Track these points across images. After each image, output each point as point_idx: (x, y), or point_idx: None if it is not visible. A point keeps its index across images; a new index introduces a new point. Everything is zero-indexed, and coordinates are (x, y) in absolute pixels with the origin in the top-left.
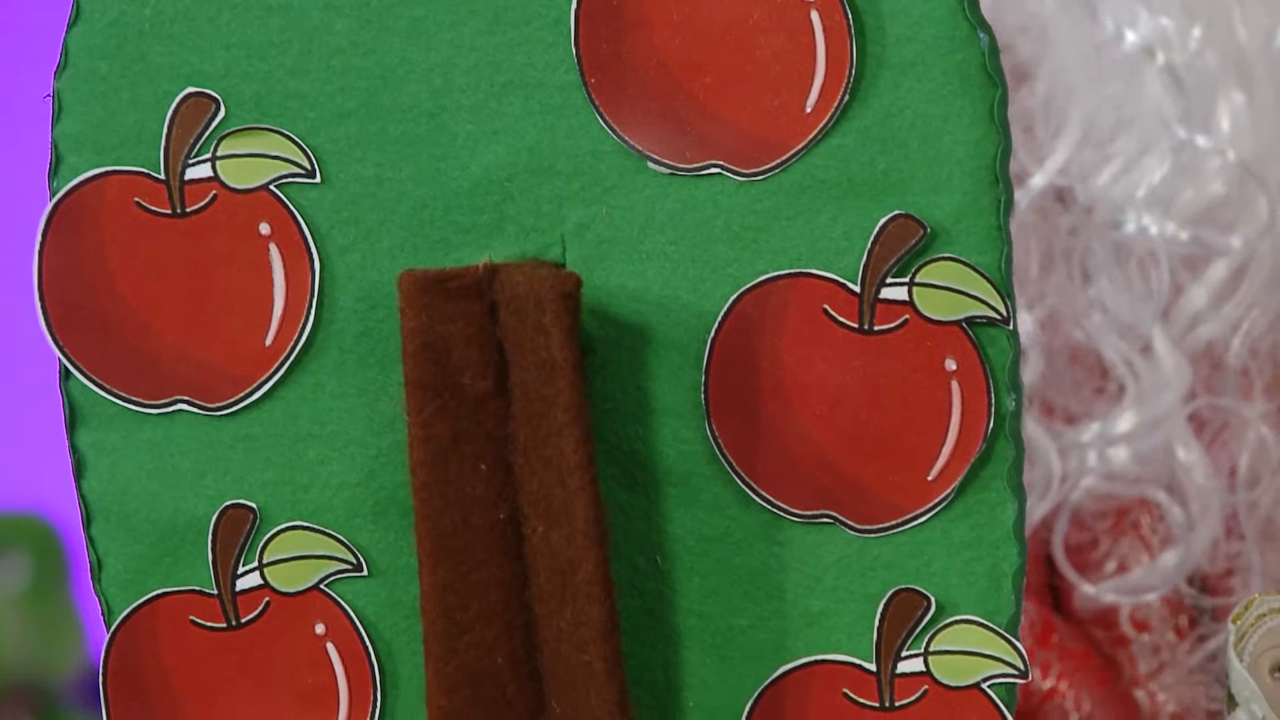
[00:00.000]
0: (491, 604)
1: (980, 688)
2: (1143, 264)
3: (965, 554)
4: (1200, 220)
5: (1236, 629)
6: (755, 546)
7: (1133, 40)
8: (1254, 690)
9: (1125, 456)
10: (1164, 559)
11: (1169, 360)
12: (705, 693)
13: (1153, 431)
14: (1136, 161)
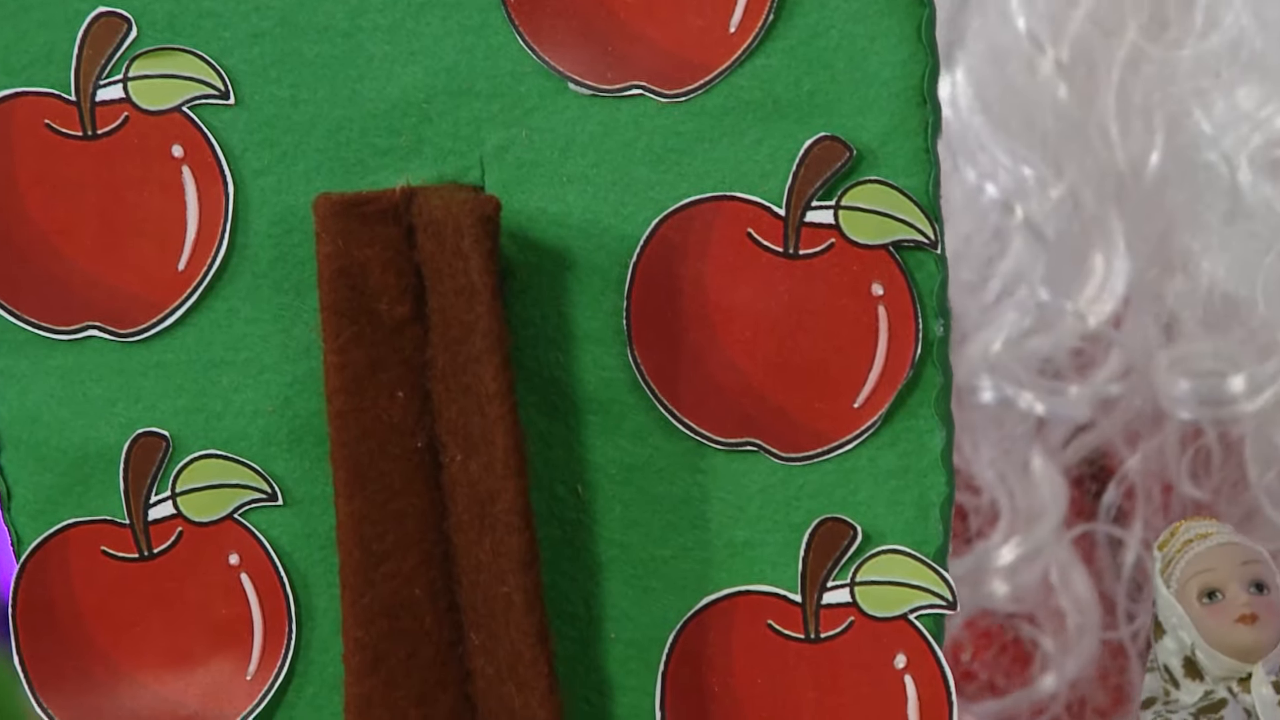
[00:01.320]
0: (409, 534)
1: (908, 619)
2: (1009, 411)
3: (892, 483)
4: (1059, 373)
5: (1163, 556)
6: (678, 475)
7: (993, 194)
8: (1181, 617)
9: (1004, 591)
10: (1041, 685)
11: (1046, 484)
12: (627, 624)
13: (1030, 563)
14: (998, 308)
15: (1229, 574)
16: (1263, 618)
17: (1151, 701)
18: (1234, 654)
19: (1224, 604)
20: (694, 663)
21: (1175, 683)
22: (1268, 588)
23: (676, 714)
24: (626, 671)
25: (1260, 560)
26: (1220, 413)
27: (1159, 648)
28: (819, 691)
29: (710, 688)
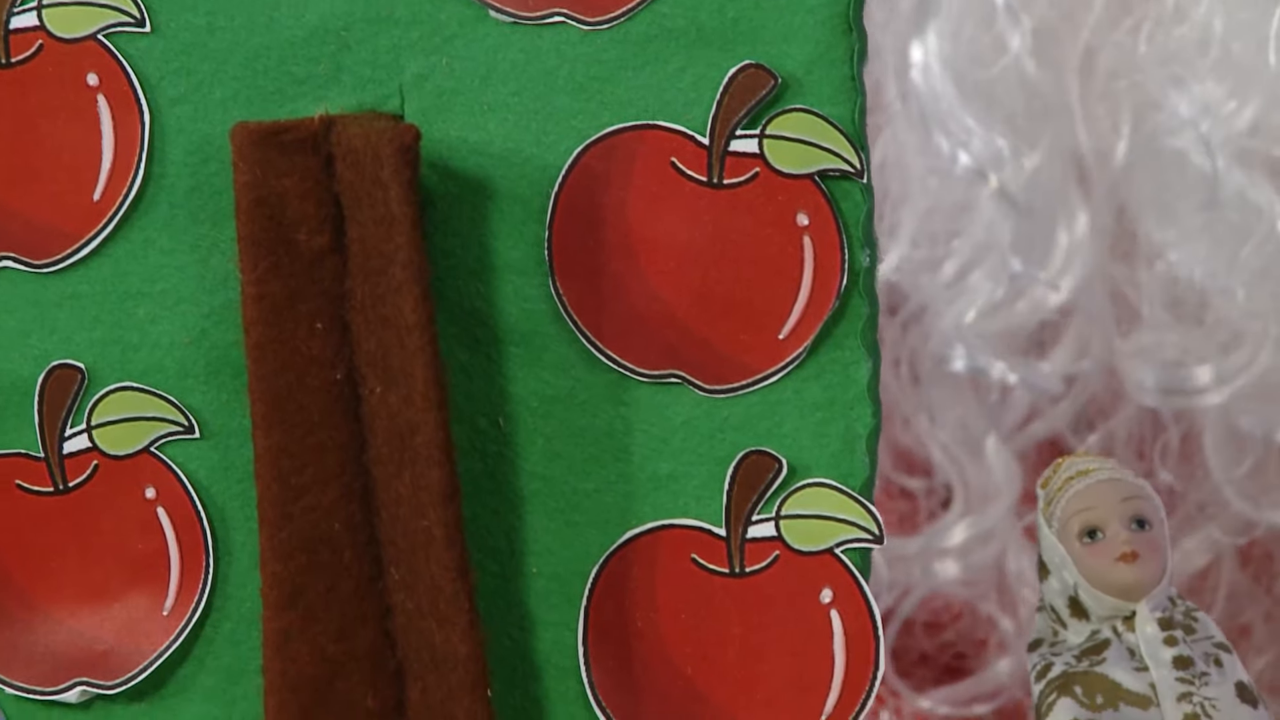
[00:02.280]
0: (328, 468)
1: (833, 553)
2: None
3: (818, 415)
4: (1026, 348)
5: (1045, 494)
6: (601, 407)
7: (966, 163)
8: (1063, 557)
9: (955, 570)
10: (996, 668)
11: (1000, 466)
12: (549, 558)
13: (984, 544)
14: (966, 281)
15: (1109, 511)
16: (1144, 555)
17: (1039, 643)
18: (1116, 593)
19: (1105, 543)
20: (617, 597)
21: (1062, 623)
22: (1149, 524)
23: (599, 649)
24: (548, 606)
25: (1142, 496)
26: (1183, 403)
27: (1044, 588)
28: (744, 627)
29: (634, 623)
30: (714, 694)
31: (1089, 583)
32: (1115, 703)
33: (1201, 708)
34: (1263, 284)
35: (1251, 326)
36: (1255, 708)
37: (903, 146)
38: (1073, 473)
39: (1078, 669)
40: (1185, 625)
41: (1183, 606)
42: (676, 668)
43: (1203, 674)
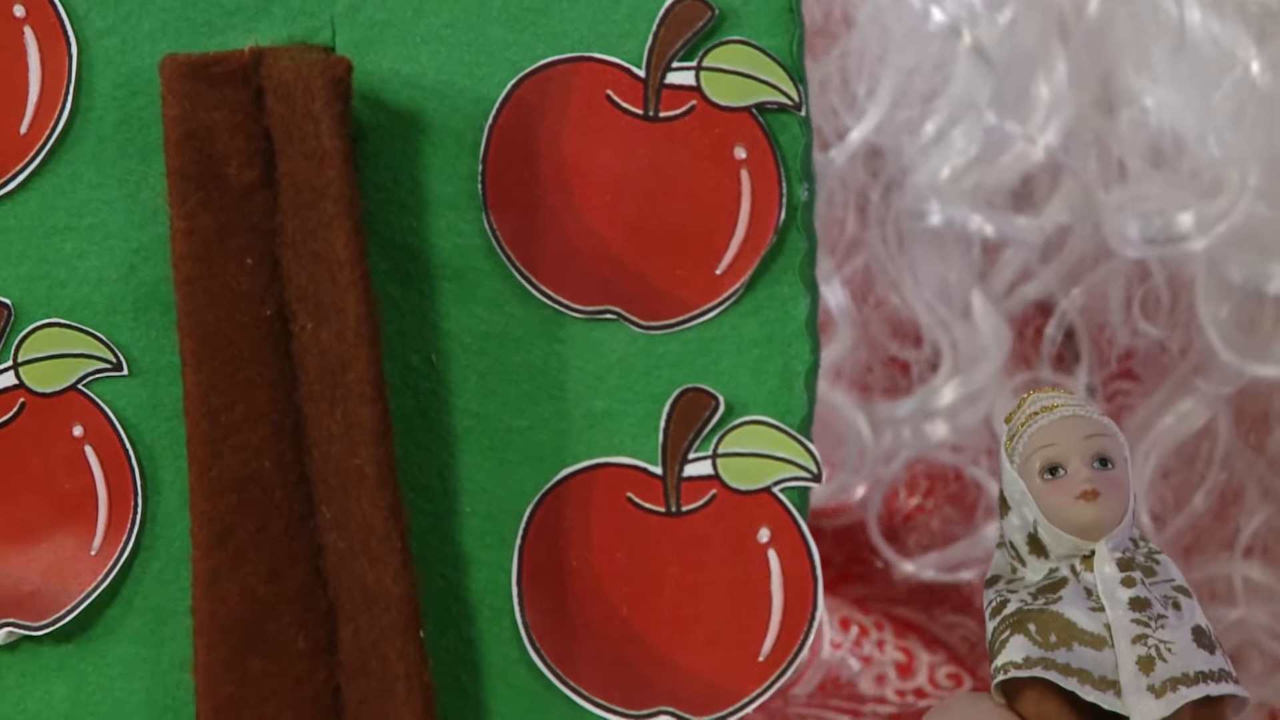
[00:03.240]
0: (258, 405)
1: (771, 492)
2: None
3: (755, 351)
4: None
5: (1008, 429)
6: (535, 344)
7: (940, 19)
8: (1024, 493)
9: (945, 431)
10: (984, 533)
11: (987, 326)
12: (483, 497)
13: (972, 404)
14: (945, 139)
15: (1071, 448)
16: (1104, 494)
17: (996, 579)
18: (1075, 531)
19: (1066, 480)
20: (551, 537)
21: (1021, 560)
22: (1111, 462)
23: (534, 589)
24: (482, 546)
25: (1105, 434)
26: (1168, 251)
27: (1004, 524)
28: (680, 566)
29: (568, 562)
30: (650, 635)
31: (1049, 520)
32: (1069, 642)
33: (1156, 650)
34: (1238, 129)
35: (1230, 173)
36: (1211, 653)
37: (878, 6)
38: (1036, 408)
39: (1033, 607)
40: (1145, 567)
41: (1145, 548)
42: (612, 608)
43: (1159, 616)
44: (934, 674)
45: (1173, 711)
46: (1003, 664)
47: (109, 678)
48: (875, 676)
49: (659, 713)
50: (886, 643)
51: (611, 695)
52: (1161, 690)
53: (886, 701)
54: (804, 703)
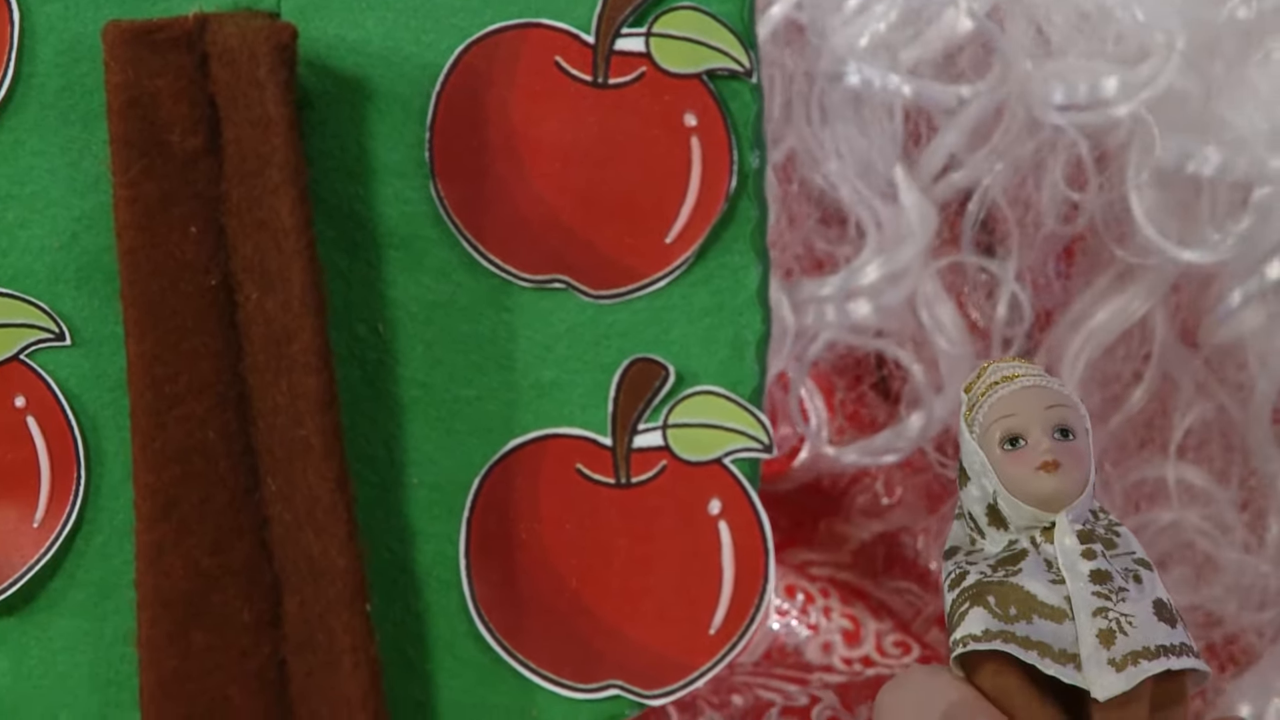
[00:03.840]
0: (202, 375)
1: (722, 463)
2: (880, 109)
3: (706, 321)
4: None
5: (968, 399)
6: (483, 313)
7: None
8: (984, 463)
9: (867, 310)
10: (909, 422)
11: (913, 207)
12: (430, 468)
13: (896, 284)
14: (867, 10)
15: (1032, 419)
16: (1065, 465)
17: (955, 551)
18: (1035, 502)
19: (1026, 451)
20: (500, 508)
21: (980, 532)
22: (1072, 433)
23: (481, 562)
24: (430, 517)
25: (1066, 404)
26: (1092, 118)
27: (964, 494)
28: (630, 538)
29: (517, 534)
30: (599, 607)
31: (1008, 491)
32: (1029, 614)
33: (1117, 623)
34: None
35: (1155, 39)
36: (1173, 626)
37: None
38: (996, 378)
39: (992, 579)
40: (1106, 540)
41: (1105, 520)
42: (561, 580)
43: (1120, 589)
44: (881, 642)
45: (1133, 685)
46: (961, 636)
47: (51, 651)
48: (822, 645)
49: (608, 686)
50: (833, 610)
51: (561, 668)
52: (1122, 664)
53: (834, 670)
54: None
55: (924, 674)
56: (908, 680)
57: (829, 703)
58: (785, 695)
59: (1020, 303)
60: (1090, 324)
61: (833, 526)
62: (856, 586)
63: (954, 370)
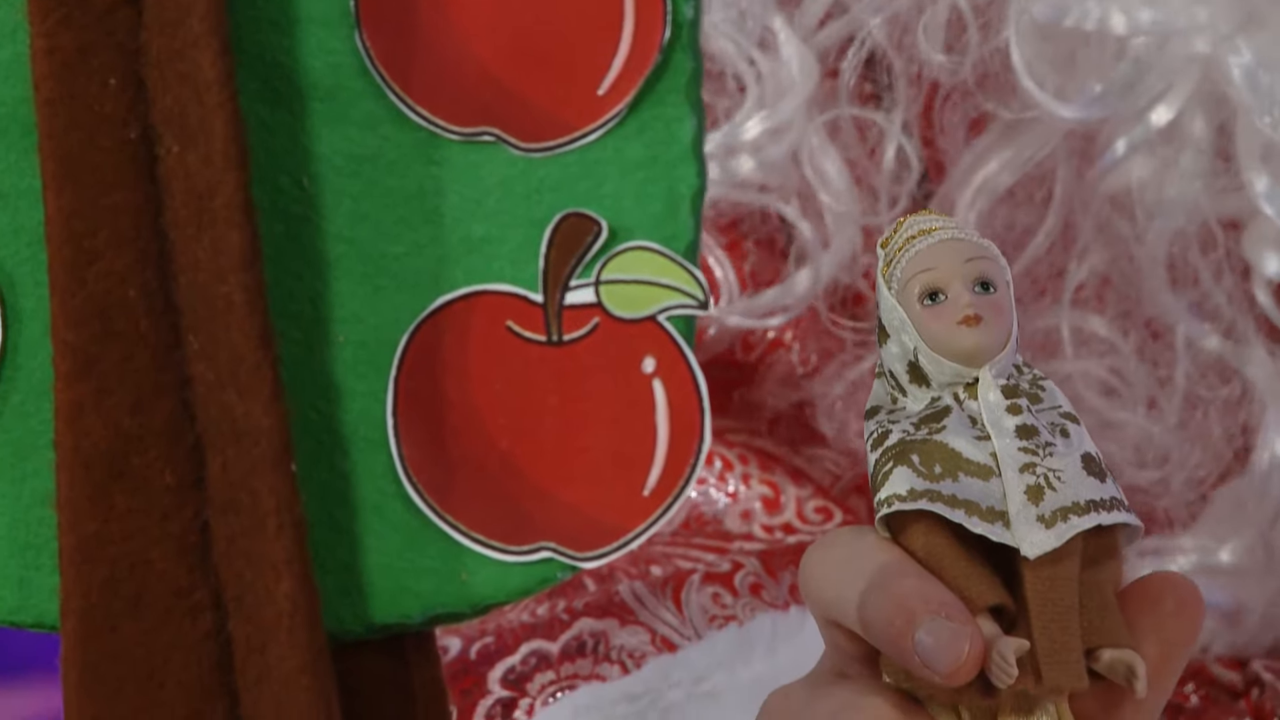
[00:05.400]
0: (122, 231)
1: (656, 320)
2: None
3: (639, 174)
4: None
5: (885, 254)
6: (410, 167)
7: None
8: (903, 320)
9: (750, 166)
10: (795, 279)
11: (794, 58)
12: (356, 325)
13: (779, 138)
14: None
15: (951, 272)
16: (986, 319)
17: (876, 410)
18: (957, 358)
19: (946, 305)
20: (428, 367)
21: (901, 389)
22: (993, 286)
23: (409, 420)
24: (356, 376)
25: (986, 256)
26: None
27: (884, 352)
28: (562, 397)
29: (445, 393)
30: (531, 468)
31: (929, 347)
32: (955, 473)
33: (1045, 479)
34: None
35: None
36: (1102, 481)
37: None
38: (914, 232)
39: (916, 437)
40: (1031, 394)
41: (1029, 375)
42: (491, 441)
43: (1047, 444)
44: (802, 508)
45: (1064, 542)
46: (886, 497)
47: None
48: (741, 513)
49: (540, 548)
50: (752, 477)
51: (491, 531)
52: (1052, 520)
53: (754, 538)
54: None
55: (849, 535)
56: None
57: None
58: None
59: (908, 155)
60: (981, 175)
61: (747, 395)
62: (774, 453)
63: (841, 226)
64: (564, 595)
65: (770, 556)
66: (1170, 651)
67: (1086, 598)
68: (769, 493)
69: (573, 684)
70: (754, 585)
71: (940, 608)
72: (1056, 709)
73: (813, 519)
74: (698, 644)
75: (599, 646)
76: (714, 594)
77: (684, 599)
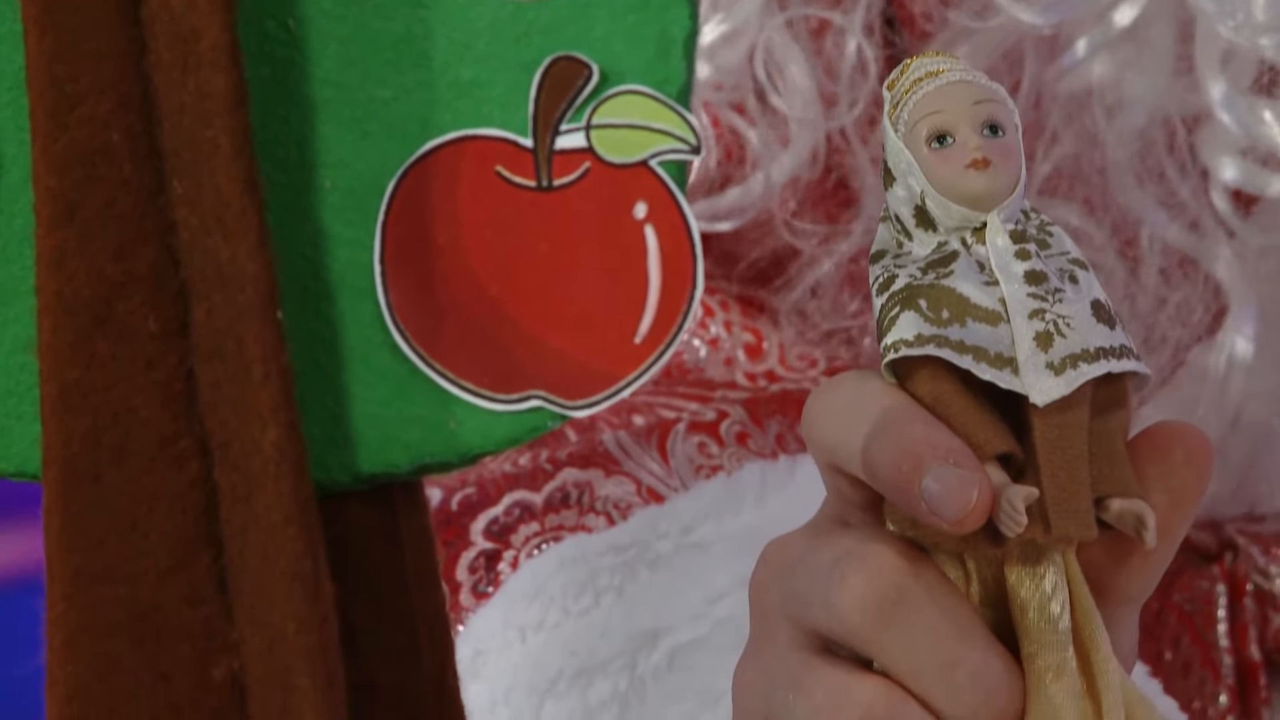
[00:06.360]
0: (105, 75)
1: (648, 165)
2: None
3: (631, 17)
4: None
5: (891, 96)
6: (398, 10)
7: None
8: (909, 162)
9: (706, 72)
10: (750, 182)
11: None
12: (343, 171)
13: (731, 45)
14: None
15: (960, 115)
16: (995, 163)
17: (882, 254)
18: (965, 202)
19: (954, 148)
20: (416, 213)
21: (907, 234)
22: (1002, 129)
23: (397, 267)
24: (344, 222)
25: (995, 99)
26: None
27: (889, 196)
28: (552, 243)
29: (434, 239)
30: (521, 316)
31: (937, 190)
32: (962, 318)
33: (1054, 325)
34: None
35: None
36: (1112, 328)
37: None
38: (921, 74)
39: (923, 282)
40: (1039, 239)
41: (1037, 220)
42: (480, 288)
43: (1056, 290)
44: (785, 355)
45: (1073, 389)
46: (893, 342)
47: None
48: (723, 360)
49: (530, 397)
50: (734, 324)
51: (480, 379)
52: (1061, 367)
53: (737, 386)
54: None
55: (854, 379)
56: (836, 386)
57: (737, 418)
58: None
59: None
60: None
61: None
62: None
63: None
64: (546, 445)
65: (755, 405)
66: (1179, 501)
67: (1095, 446)
68: (751, 340)
69: (558, 535)
70: (740, 434)
71: (948, 454)
72: (1064, 559)
73: (796, 366)
74: (685, 495)
75: (584, 497)
76: (700, 443)
77: (669, 449)
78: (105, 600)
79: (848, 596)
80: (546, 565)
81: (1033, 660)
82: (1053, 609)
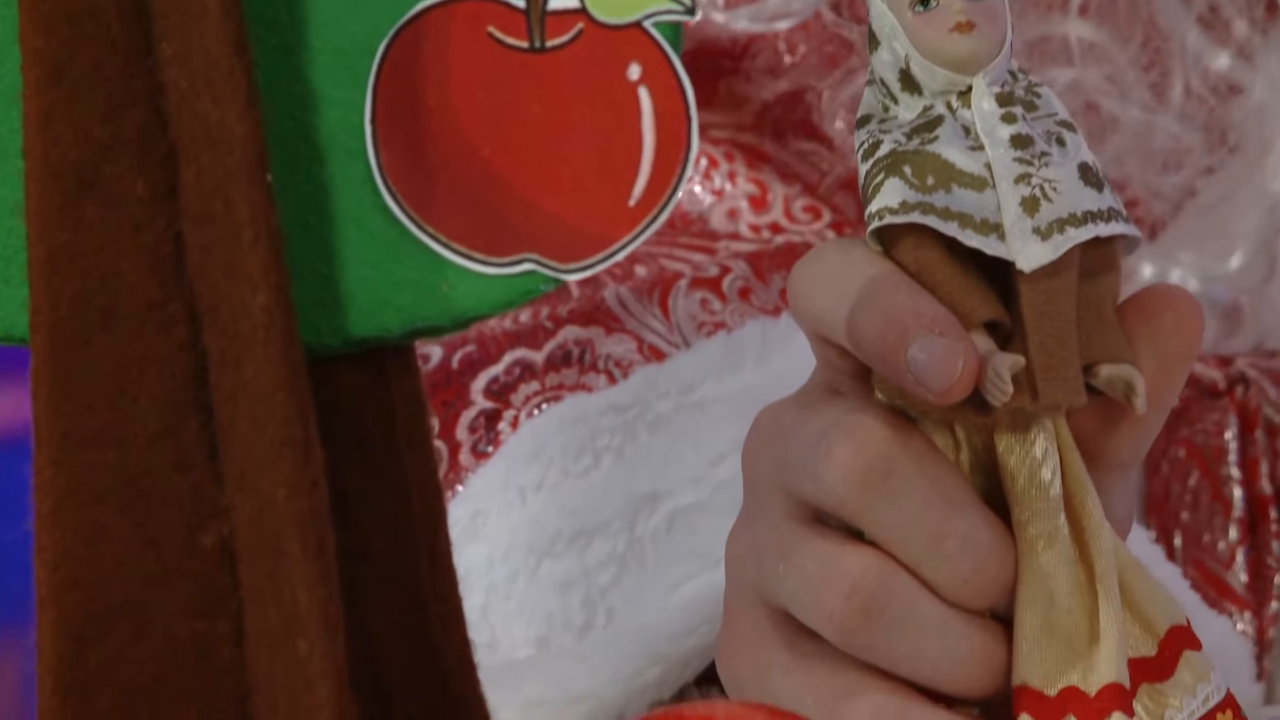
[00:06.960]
0: None
1: (642, 26)
2: None
3: None
4: None
5: None
6: None
7: None
8: (894, 26)
9: None
10: None
11: None
12: (334, 31)
13: None
14: None
15: None
16: (980, 25)
17: (867, 119)
18: (950, 65)
19: (938, 11)
20: (407, 75)
21: (893, 98)
22: None
23: (388, 130)
24: (334, 83)
25: None
26: None
27: (874, 60)
28: (544, 105)
29: (425, 101)
30: (514, 178)
31: (921, 54)
32: (948, 184)
33: (1041, 189)
34: None
35: None
36: (1100, 191)
37: None
38: None
39: (907, 147)
40: (1026, 102)
41: (1024, 81)
42: (472, 150)
43: (1043, 154)
44: (790, 207)
45: (1060, 254)
46: (877, 210)
47: None
48: (727, 211)
49: (523, 260)
50: (738, 174)
51: (473, 242)
52: (1048, 232)
53: (741, 237)
54: (653, 241)
55: (838, 248)
56: (821, 255)
57: (740, 273)
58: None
59: None
60: None
61: (733, 87)
62: (761, 149)
63: None
64: (547, 302)
65: (759, 259)
66: (1169, 366)
67: (1084, 312)
68: (755, 191)
69: (558, 395)
70: (743, 290)
71: (933, 323)
72: (1054, 426)
73: (800, 218)
74: (686, 353)
75: (585, 355)
76: (702, 299)
77: (671, 305)
78: (93, 465)
79: (834, 469)
80: (547, 425)
81: (1024, 528)
82: (1043, 475)
